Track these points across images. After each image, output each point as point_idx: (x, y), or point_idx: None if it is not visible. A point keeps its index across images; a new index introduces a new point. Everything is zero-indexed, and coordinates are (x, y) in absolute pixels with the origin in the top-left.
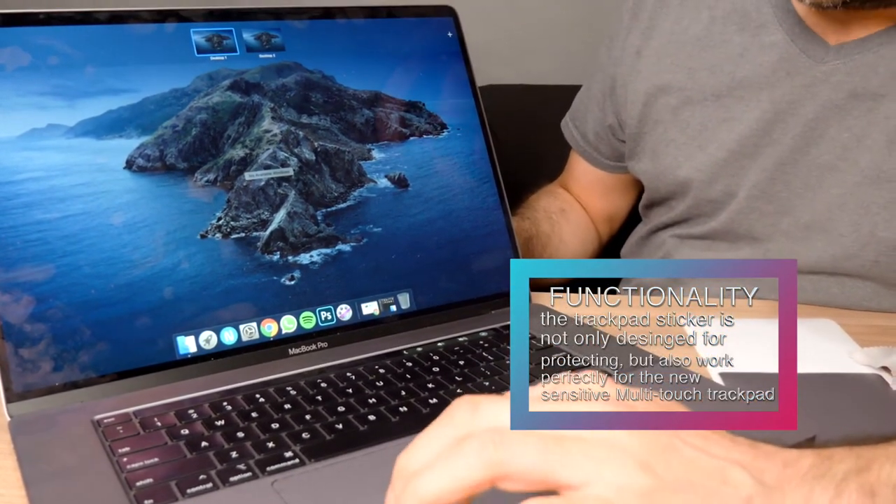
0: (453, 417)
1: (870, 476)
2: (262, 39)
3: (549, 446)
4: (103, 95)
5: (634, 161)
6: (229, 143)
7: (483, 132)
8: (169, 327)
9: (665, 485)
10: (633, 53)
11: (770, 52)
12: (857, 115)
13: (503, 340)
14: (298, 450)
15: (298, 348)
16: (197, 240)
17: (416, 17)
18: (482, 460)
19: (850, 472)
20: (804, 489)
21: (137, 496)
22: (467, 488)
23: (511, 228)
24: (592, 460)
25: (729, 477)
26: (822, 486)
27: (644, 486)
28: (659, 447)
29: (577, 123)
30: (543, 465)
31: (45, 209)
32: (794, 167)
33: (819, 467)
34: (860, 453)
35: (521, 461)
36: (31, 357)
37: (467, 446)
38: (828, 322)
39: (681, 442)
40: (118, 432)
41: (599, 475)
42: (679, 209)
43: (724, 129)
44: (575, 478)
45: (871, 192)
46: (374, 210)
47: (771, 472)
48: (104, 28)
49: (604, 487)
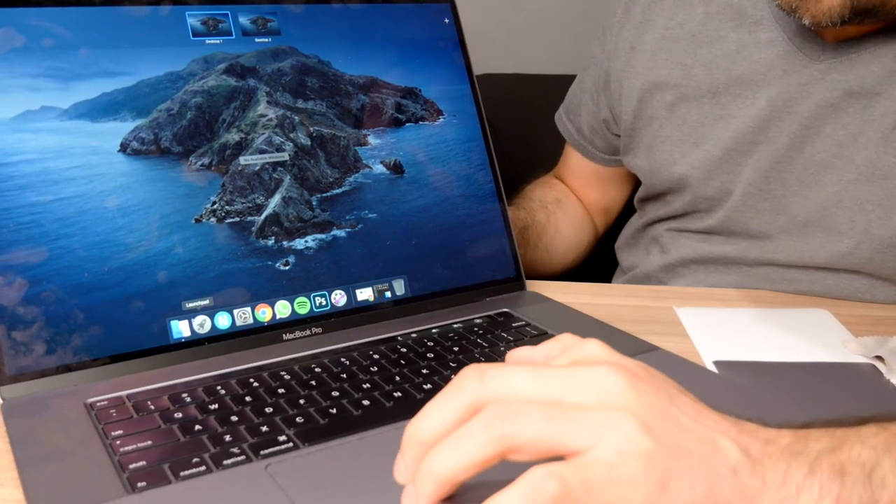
0: (462, 385)
1: (841, 455)
2: (258, 23)
3: (553, 415)
4: (98, 78)
5: (630, 156)
6: (224, 128)
7: (479, 119)
8: (163, 311)
9: (664, 448)
10: (627, 48)
11: (767, 49)
12: (852, 113)
13: (498, 327)
14: (292, 434)
15: (293, 333)
16: (191, 224)
17: (413, 2)
18: (490, 437)
19: (824, 451)
20: (782, 465)
21: (130, 479)
22: (479, 465)
23: (506, 216)
24: (596, 425)
25: (719, 445)
26: (798, 462)
27: (646, 448)
28: (657, 412)
29: (571, 116)
30: (548, 434)
31: (38, 191)
32: (790, 165)
33: (796, 445)
34: (834, 433)
35: (526, 433)
36: (24, 340)
37: (475, 425)
38: (822, 312)
39: (677, 410)
40: (111, 415)
41: (603, 439)
42: (675, 205)
43: (721, 127)
44: (580, 443)
45: (867, 190)
46: (369, 196)
47: (753, 446)
48: (99, 10)
49: (608, 450)
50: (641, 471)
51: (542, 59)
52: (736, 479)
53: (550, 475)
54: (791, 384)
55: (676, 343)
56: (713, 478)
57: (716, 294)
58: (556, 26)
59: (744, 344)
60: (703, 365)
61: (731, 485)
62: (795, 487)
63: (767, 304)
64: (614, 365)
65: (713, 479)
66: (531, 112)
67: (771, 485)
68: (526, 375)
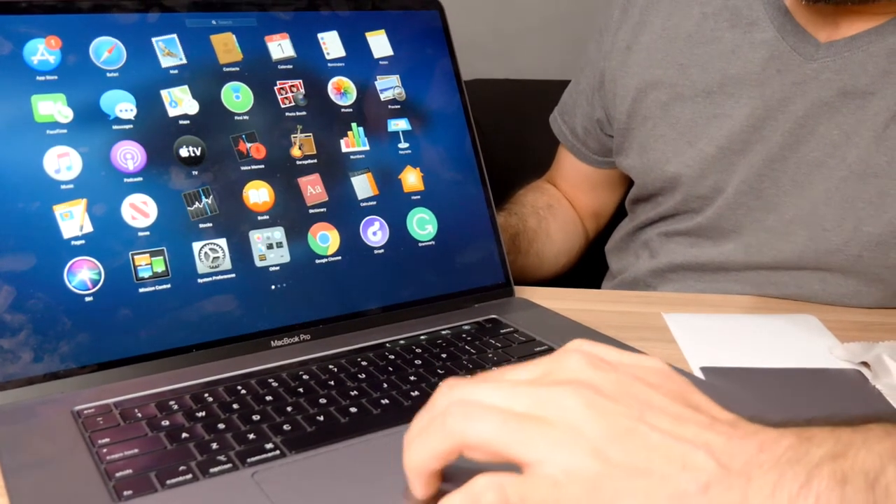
0: (435, 397)
1: (844, 463)
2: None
3: (509, 423)
4: None
5: (622, 156)
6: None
7: (468, 126)
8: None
9: (616, 471)
10: (623, 48)
11: (761, 49)
12: (846, 113)
13: (486, 334)
14: (279, 441)
15: (281, 340)
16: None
17: (401, 9)
18: (445, 433)
19: (826, 458)
20: (773, 475)
21: (116, 487)
22: (439, 456)
23: (495, 222)
24: (547, 441)
25: (690, 462)
26: (794, 472)
27: (591, 470)
28: (620, 431)
29: (565, 118)
30: (500, 439)
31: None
32: (783, 164)
33: (796, 450)
34: (840, 438)
35: (479, 434)
36: (10, 347)
37: (436, 421)
38: (808, 317)
39: (647, 427)
40: (98, 423)
41: (551, 456)
42: (667, 205)
43: (714, 126)
44: (529, 456)
45: (857, 187)
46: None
47: (741, 456)
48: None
49: (555, 468)
50: (585, 493)
51: (533, 64)
52: (705, 496)
53: (491, 486)
54: (777, 390)
55: (663, 349)
56: (676, 497)
57: (703, 300)
58: (547, 32)
59: (731, 350)
60: (690, 371)
61: (697, 502)
62: (787, 498)
63: (755, 310)
64: (581, 384)
65: (675, 499)
66: (521, 117)
67: (755, 498)
68: (493, 386)
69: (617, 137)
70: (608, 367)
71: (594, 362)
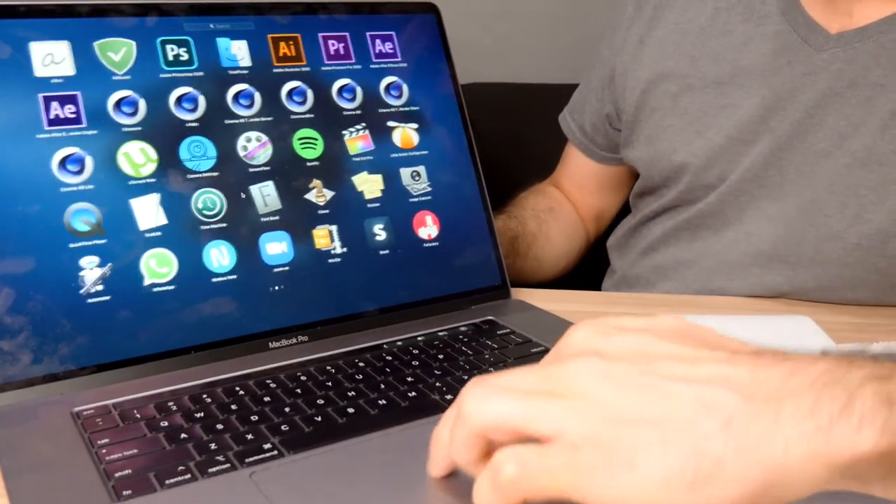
0: (459, 394)
1: (889, 384)
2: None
3: (523, 399)
4: None
5: (629, 149)
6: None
7: (464, 129)
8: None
9: (632, 428)
10: (636, 43)
11: (771, 40)
12: (854, 104)
13: (482, 335)
14: (277, 442)
15: (279, 342)
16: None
17: (398, 13)
18: (468, 413)
19: (868, 378)
20: (809, 398)
21: (116, 487)
22: (463, 442)
23: (492, 225)
24: (561, 411)
25: (709, 400)
26: (833, 393)
27: (607, 432)
28: (631, 389)
29: (574, 116)
30: (516, 415)
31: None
32: (790, 153)
33: (833, 373)
34: (883, 363)
35: (495, 413)
36: (9, 349)
37: (457, 405)
38: (803, 318)
39: (657, 378)
40: (97, 424)
41: (567, 425)
42: (670, 195)
43: (724, 116)
44: (546, 427)
45: (861, 175)
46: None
47: (768, 384)
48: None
49: (571, 435)
50: (603, 456)
51: (531, 67)
52: (728, 431)
53: (511, 456)
54: None
55: None
56: (696, 441)
57: (699, 301)
58: (545, 35)
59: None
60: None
61: (721, 440)
62: (828, 418)
63: (751, 311)
64: (587, 354)
65: (695, 442)
66: (519, 120)
67: (787, 423)
68: (509, 373)
69: (625, 130)
70: (615, 332)
71: (601, 331)
